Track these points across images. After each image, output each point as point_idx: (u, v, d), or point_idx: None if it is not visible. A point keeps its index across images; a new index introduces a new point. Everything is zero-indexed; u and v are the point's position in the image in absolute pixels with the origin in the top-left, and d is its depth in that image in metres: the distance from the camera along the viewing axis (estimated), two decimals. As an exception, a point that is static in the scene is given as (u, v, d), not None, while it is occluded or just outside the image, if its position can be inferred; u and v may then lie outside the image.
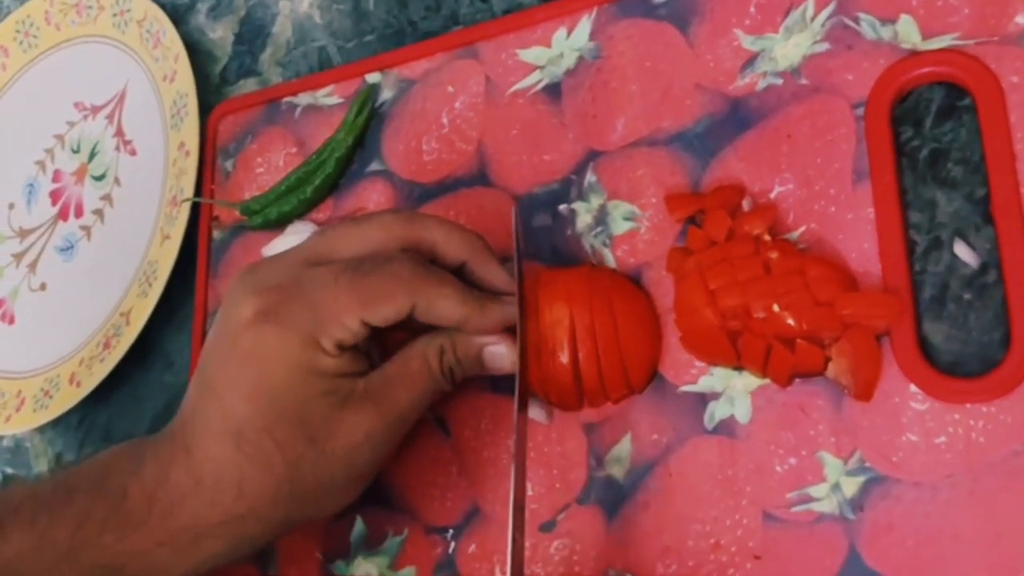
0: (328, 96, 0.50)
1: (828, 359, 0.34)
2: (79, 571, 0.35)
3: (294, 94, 0.52)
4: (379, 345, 0.38)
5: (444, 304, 0.35)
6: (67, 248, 0.61)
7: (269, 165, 0.52)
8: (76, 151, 0.63)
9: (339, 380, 0.35)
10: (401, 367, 0.37)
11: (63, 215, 0.62)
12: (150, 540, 0.35)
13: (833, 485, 0.34)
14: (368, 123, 0.48)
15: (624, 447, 0.38)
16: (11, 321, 0.62)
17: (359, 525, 0.44)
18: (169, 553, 0.35)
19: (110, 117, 0.61)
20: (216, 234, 0.53)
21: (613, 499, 0.38)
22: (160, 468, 0.35)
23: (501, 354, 0.37)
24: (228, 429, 0.35)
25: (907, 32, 0.36)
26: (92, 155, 0.62)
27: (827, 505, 0.34)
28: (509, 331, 0.37)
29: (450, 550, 0.41)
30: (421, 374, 0.37)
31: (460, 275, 0.37)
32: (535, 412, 0.40)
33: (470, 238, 0.38)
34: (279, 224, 0.50)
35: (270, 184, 0.51)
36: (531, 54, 0.44)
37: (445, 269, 0.37)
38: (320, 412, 0.35)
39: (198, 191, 0.54)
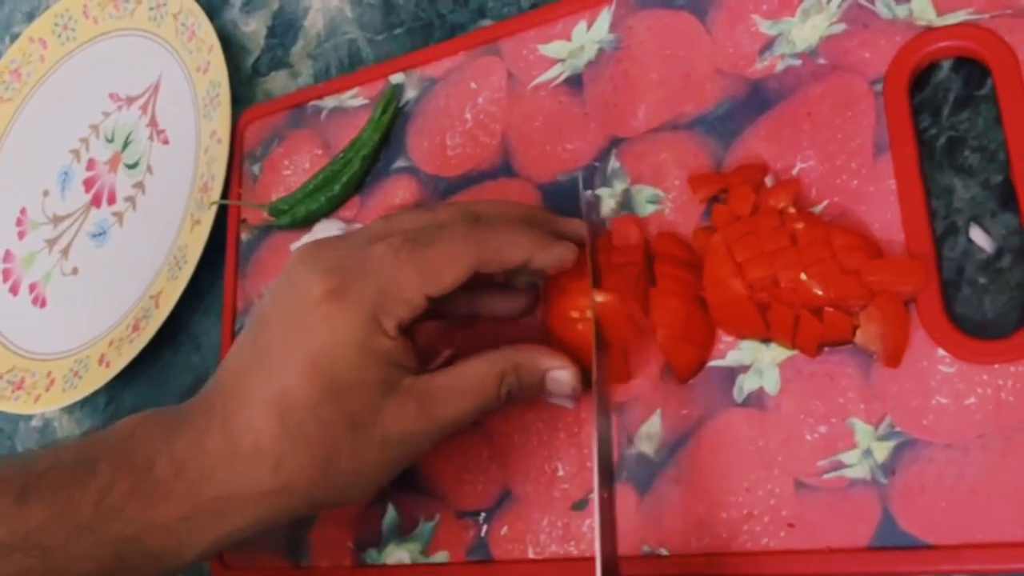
0: (353, 98, 0.51)
1: (856, 327, 0.35)
2: (100, 543, 0.35)
3: (320, 97, 0.53)
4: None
5: (507, 249, 0.36)
6: (99, 234, 0.62)
7: (296, 167, 0.53)
8: (110, 140, 0.64)
9: (391, 369, 0.35)
10: (454, 381, 0.36)
11: (96, 202, 0.63)
12: (174, 512, 0.35)
13: (864, 451, 0.34)
14: (393, 121, 0.50)
15: (654, 424, 0.38)
16: (43, 305, 0.64)
17: (391, 512, 0.44)
18: (192, 526, 0.35)
19: (144, 107, 0.63)
20: (244, 236, 0.54)
21: (645, 475, 0.38)
22: (192, 437, 0.35)
23: (564, 380, 0.37)
24: (276, 402, 0.35)
25: (922, 9, 0.37)
26: (126, 144, 0.63)
27: (859, 471, 0.34)
28: (574, 359, 0.37)
29: (482, 533, 0.41)
30: (472, 394, 0.36)
31: None
32: (561, 399, 0.41)
33: (529, 239, 0.37)
34: (306, 223, 0.51)
35: (296, 186, 0.52)
36: (552, 48, 0.45)
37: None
38: (366, 399, 0.35)
39: (225, 194, 0.55)
